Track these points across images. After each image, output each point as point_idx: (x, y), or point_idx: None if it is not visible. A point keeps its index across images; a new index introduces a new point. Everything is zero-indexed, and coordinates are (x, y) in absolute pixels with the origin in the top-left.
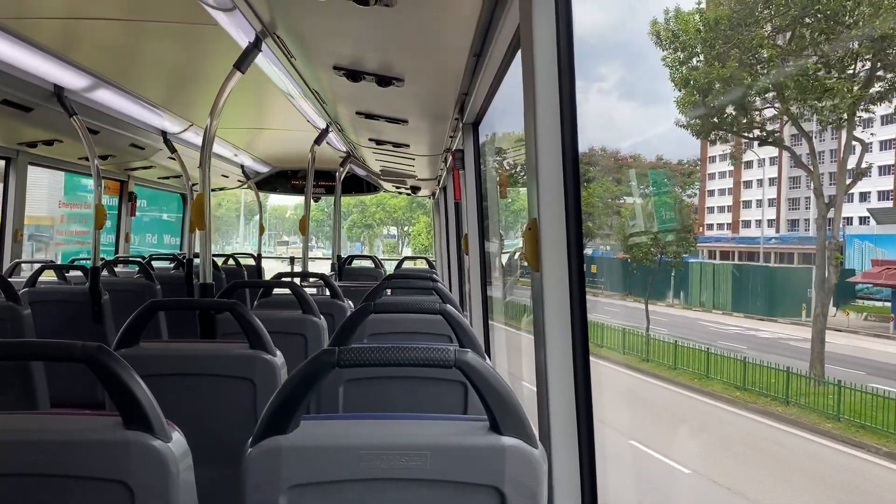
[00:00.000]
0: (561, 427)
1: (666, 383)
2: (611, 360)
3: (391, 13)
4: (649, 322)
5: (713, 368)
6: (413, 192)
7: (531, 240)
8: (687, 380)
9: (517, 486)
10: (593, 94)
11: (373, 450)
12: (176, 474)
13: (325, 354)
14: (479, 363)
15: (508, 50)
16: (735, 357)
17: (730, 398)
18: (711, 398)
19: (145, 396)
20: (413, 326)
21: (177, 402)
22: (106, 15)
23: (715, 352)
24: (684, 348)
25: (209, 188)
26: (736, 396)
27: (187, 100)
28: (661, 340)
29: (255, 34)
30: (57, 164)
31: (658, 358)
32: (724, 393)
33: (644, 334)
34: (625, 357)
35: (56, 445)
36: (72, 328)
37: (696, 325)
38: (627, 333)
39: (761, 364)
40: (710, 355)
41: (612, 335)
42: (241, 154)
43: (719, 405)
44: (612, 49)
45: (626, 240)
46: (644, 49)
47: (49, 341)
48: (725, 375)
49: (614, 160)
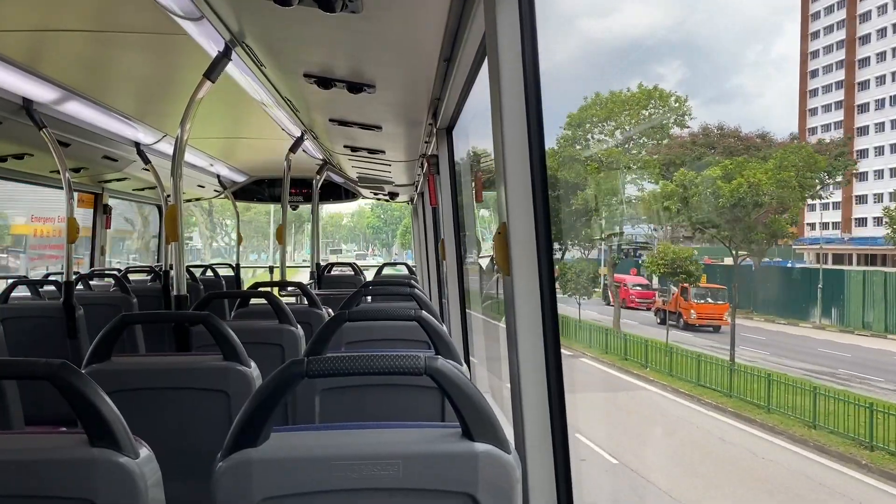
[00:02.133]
0: (535, 431)
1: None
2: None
3: (359, 20)
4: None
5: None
6: (391, 197)
7: (501, 243)
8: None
9: (491, 492)
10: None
11: (344, 460)
12: (144, 491)
13: (294, 365)
14: (449, 370)
15: (477, 55)
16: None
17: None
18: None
19: (111, 413)
20: (391, 334)
21: (150, 417)
22: (73, 26)
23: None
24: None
25: (181, 199)
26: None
27: (160, 110)
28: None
29: (225, 43)
30: (28, 177)
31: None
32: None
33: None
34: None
35: (21, 465)
36: (46, 344)
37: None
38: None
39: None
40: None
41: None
42: (217, 163)
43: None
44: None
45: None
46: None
47: (11, 359)
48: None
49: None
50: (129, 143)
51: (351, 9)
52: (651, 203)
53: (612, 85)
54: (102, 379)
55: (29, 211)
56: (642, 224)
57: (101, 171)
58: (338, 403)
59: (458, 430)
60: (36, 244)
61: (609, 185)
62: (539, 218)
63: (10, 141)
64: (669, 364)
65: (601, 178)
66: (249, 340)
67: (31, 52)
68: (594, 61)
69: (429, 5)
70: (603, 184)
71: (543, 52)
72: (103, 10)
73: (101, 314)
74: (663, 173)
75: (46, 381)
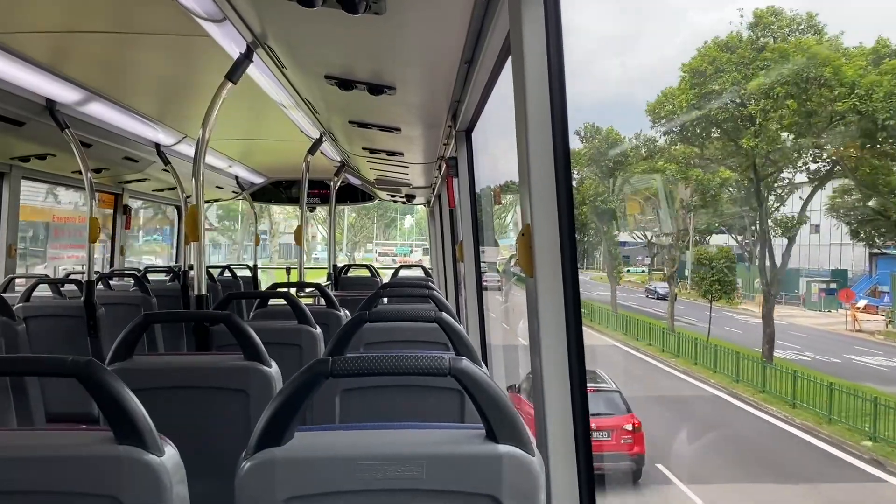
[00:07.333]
0: (558, 433)
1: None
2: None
3: (381, 21)
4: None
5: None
6: (408, 199)
7: (524, 246)
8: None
9: (515, 494)
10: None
11: (368, 460)
12: (169, 488)
13: (318, 364)
14: (473, 371)
15: (499, 57)
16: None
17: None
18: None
19: (137, 410)
20: (410, 335)
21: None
22: (97, 28)
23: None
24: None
25: (202, 200)
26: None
27: (180, 111)
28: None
29: (247, 45)
30: (50, 178)
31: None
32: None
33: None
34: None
35: (47, 461)
36: (67, 343)
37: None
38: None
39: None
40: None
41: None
42: (236, 165)
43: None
44: None
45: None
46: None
47: (39, 356)
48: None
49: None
50: (149, 145)
51: (374, 10)
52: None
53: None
54: (124, 377)
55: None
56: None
57: (122, 172)
58: (358, 404)
59: (482, 431)
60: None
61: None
62: (563, 220)
63: (34, 141)
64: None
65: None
66: (268, 341)
67: (55, 54)
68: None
69: (452, 6)
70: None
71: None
72: (126, 12)
73: (121, 313)
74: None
75: (66, 380)
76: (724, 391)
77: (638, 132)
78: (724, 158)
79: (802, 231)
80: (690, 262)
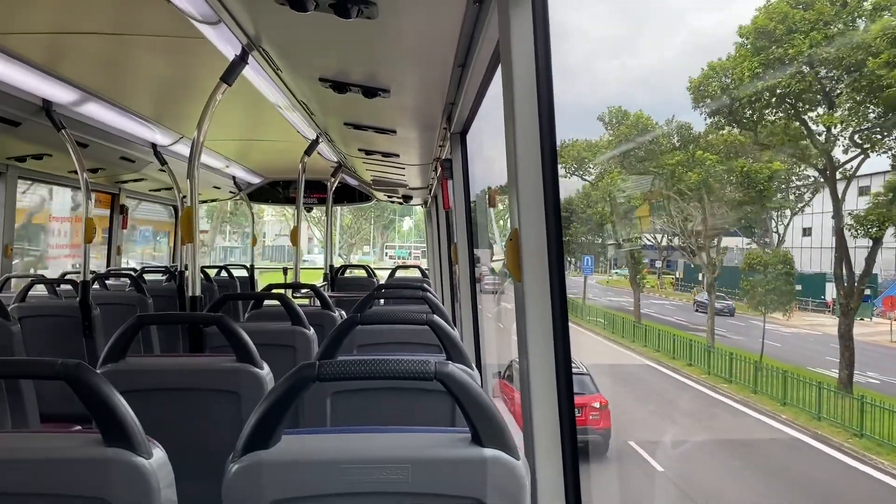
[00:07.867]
0: (544, 437)
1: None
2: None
3: (374, 26)
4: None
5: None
6: (405, 200)
7: (512, 250)
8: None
9: (499, 497)
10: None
11: (354, 464)
12: (156, 490)
13: (305, 369)
14: (459, 375)
15: (491, 61)
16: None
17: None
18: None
19: (125, 413)
20: (403, 337)
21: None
22: (93, 29)
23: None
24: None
25: (197, 200)
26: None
27: (177, 112)
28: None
29: (242, 47)
30: (46, 178)
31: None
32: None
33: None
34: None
35: (35, 464)
36: (62, 343)
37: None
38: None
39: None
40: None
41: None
42: (233, 165)
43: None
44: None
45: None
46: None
47: (28, 359)
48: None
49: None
50: (146, 145)
51: (366, 14)
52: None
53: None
54: (117, 379)
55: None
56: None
57: (118, 172)
58: (349, 406)
59: (468, 435)
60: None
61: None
62: (550, 224)
63: (30, 141)
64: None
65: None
66: (262, 342)
67: (51, 55)
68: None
69: (443, 12)
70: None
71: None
72: (122, 14)
73: (116, 314)
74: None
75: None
76: (805, 432)
77: (669, 118)
78: (789, 142)
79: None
80: (741, 268)
